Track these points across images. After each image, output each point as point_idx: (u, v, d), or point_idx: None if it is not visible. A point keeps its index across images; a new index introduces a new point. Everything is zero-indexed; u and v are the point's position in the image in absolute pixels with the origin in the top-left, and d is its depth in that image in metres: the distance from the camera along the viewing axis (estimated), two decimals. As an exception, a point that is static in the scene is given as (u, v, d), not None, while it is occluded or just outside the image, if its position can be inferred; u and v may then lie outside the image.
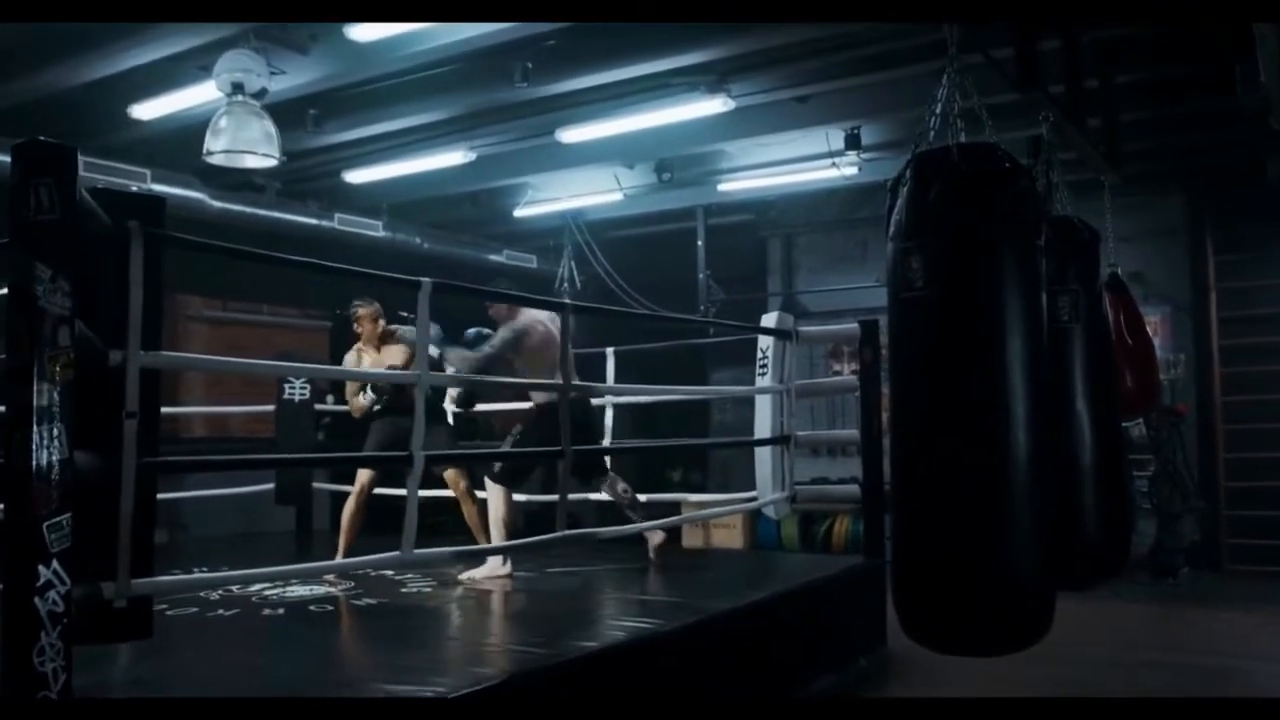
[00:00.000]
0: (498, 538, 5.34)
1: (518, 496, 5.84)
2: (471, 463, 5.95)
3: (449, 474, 5.77)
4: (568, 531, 4.35)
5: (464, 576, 5.41)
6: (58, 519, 2.23)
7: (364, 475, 5.74)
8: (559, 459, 4.36)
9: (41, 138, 2.29)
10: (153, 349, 2.78)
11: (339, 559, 5.38)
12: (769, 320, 6.13)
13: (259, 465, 7.17)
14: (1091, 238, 4.32)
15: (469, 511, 5.79)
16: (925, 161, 3.15)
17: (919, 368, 3.12)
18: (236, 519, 7.89)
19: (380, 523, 5.82)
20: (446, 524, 6.52)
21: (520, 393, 5.91)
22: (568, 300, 5.15)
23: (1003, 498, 3.00)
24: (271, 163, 5.86)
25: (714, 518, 5.63)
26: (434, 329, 5.21)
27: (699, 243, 10.28)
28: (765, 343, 6.04)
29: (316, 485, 7.74)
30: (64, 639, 2.23)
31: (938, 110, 3.34)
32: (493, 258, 10.64)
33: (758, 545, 9.83)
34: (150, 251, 2.77)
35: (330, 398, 8.03)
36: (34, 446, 2.19)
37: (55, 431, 2.23)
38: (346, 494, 7.42)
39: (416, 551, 3.61)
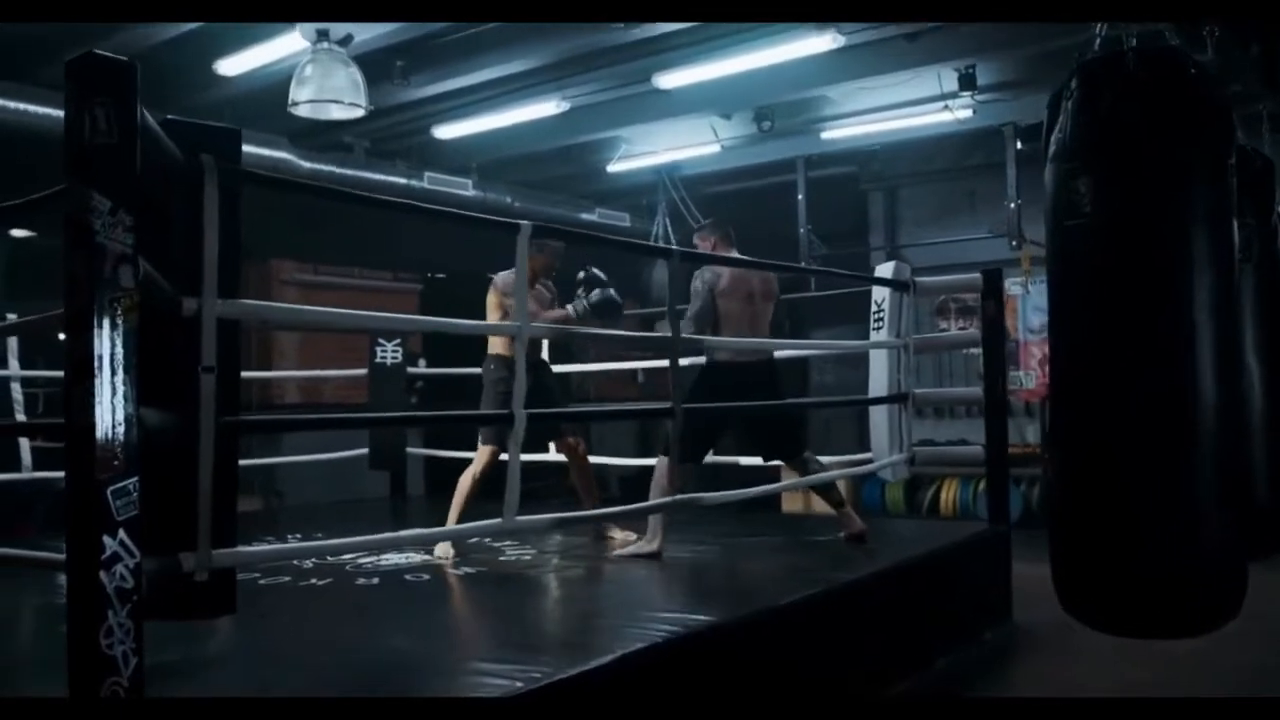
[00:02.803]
0: (655, 515, 4.81)
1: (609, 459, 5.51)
2: (578, 422, 5.56)
3: (568, 440, 5.32)
4: (676, 497, 4.04)
5: (616, 553, 4.99)
6: (124, 483, 1.97)
7: (487, 450, 5.06)
8: (669, 418, 4.03)
9: (96, 51, 2.02)
10: (230, 297, 2.52)
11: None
12: (884, 270, 5.71)
13: (345, 425, 6.96)
14: (1265, 168, 3.85)
15: (579, 474, 5.37)
16: (1094, 70, 2.72)
17: (1086, 307, 2.70)
18: (332, 484, 7.77)
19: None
20: (542, 489, 6.27)
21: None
22: (674, 247, 4.78)
23: (1189, 458, 2.60)
24: (359, 113, 5.61)
25: (828, 481, 5.25)
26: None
27: (799, 196, 9.84)
28: (880, 295, 5.62)
29: (410, 450, 7.57)
30: (134, 618, 1.97)
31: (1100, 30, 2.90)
32: (584, 216, 10.35)
33: (861, 511, 9.44)
34: (226, 189, 2.51)
35: (422, 361, 7.85)
36: (95, 401, 1.93)
37: (119, 385, 1.97)
38: (440, 459, 7.31)
39: (519, 519, 3.32)
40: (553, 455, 6.12)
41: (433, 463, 8.23)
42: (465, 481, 5.09)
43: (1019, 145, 8.59)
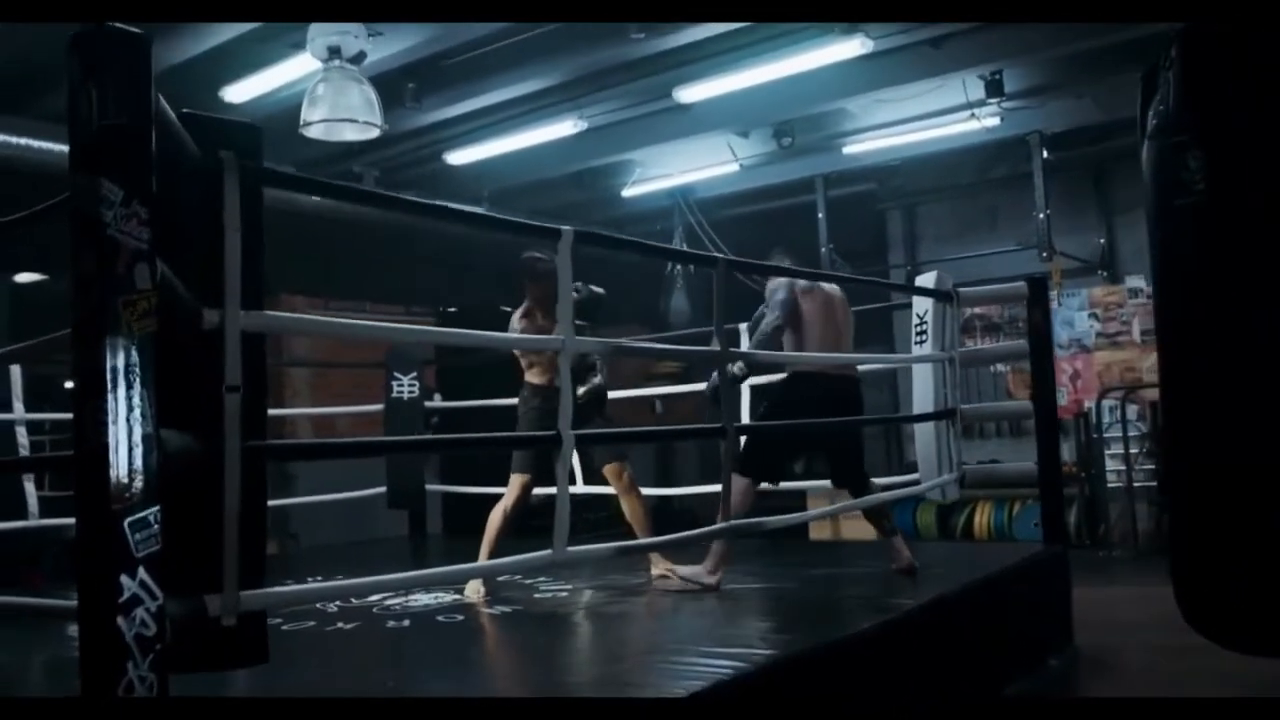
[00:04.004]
0: (718, 542, 4.44)
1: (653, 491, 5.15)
2: (621, 444, 5.16)
3: (610, 467, 4.85)
4: (732, 522, 3.75)
5: (662, 586, 4.69)
6: (143, 514, 1.69)
7: (519, 479, 4.74)
8: (722, 437, 3.75)
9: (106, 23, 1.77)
10: (254, 308, 2.26)
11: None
12: (926, 281, 5.45)
13: (374, 450, 6.54)
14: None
15: (631, 508, 4.89)
16: (1198, 36, 2.48)
17: (1204, 296, 2.44)
18: (348, 525, 7.50)
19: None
20: (584, 523, 5.97)
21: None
22: (719, 255, 4.52)
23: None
24: (374, 133, 5.36)
25: (875, 504, 4.96)
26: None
27: (820, 215, 9.62)
28: (923, 307, 5.35)
29: (429, 487, 7.28)
30: (156, 670, 1.69)
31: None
32: (598, 243, 10.14)
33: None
34: (248, 189, 2.26)
35: (438, 395, 7.58)
36: (109, 420, 1.67)
37: (135, 401, 1.70)
38: (461, 495, 7.02)
39: (571, 549, 3.03)
40: (580, 488, 5.82)
41: (451, 500, 7.94)
42: (496, 517, 4.78)
43: (1045, 154, 8.37)
